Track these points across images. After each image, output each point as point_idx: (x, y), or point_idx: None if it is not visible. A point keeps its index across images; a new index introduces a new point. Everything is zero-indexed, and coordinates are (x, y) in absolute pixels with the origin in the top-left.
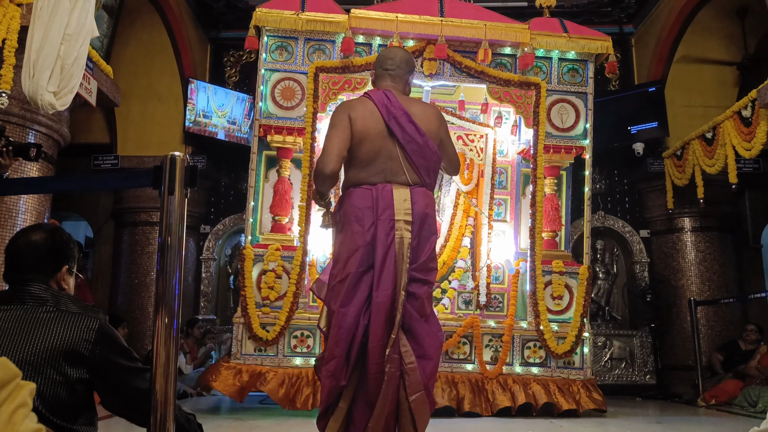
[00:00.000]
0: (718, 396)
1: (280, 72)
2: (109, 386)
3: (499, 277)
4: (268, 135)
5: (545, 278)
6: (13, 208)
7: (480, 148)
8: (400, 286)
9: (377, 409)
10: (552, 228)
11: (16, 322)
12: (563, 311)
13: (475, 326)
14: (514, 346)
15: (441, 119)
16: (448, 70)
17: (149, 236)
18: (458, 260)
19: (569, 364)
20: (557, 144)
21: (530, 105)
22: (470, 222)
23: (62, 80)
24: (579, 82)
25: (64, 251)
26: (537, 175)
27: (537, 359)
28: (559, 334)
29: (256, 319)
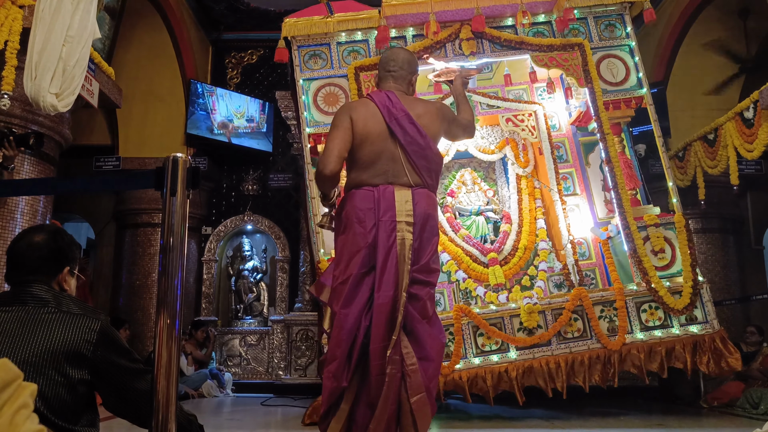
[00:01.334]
0: (720, 398)
1: (319, 80)
2: (110, 387)
3: (585, 253)
4: (318, 144)
5: (642, 234)
6: (15, 210)
7: (532, 126)
8: (402, 287)
9: (378, 411)
10: (631, 186)
11: (17, 323)
12: (669, 265)
13: (584, 297)
14: (629, 312)
15: (442, 116)
16: (488, 47)
17: (151, 238)
18: (539, 242)
19: (692, 320)
20: (615, 99)
21: (578, 65)
22: (538, 204)
23: (64, 82)
24: (620, 36)
25: (66, 252)
26: (605, 131)
27: (656, 321)
28: (672, 290)
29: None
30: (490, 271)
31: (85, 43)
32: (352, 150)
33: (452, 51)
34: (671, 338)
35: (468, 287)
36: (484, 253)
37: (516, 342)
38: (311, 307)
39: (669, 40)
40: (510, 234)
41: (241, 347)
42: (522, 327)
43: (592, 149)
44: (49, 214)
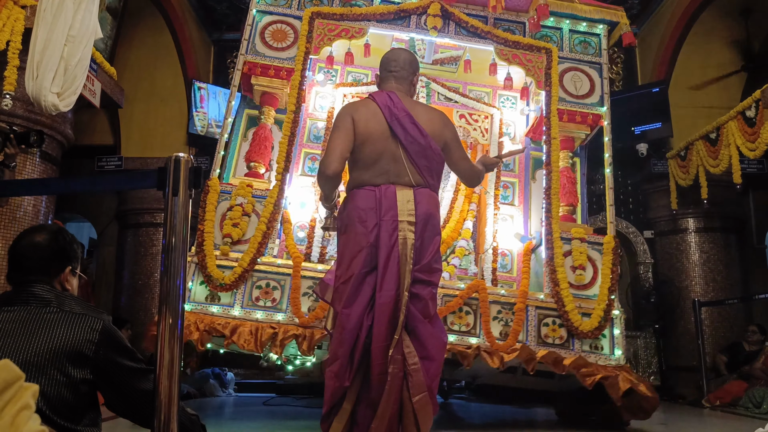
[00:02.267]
0: (722, 397)
1: (273, 15)
2: (112, 387)
3: (507, 265)
4: (253, 75)
5: (564, 246)
6: (18, 210)
7: (485, 128)
8: (404, 287)
9: (380, 410)
10: (568, 202)
11: (19, 323)
12: (587, 286)
13: (481, 290)
14: (529, 320)
15: (445, 122)
16: (452, 29)
17: (153, 237)
18: (459, 240)
19: (596, 348)
20: (571, 110)
21: (541, 68)
22: (472, 207)
23: (66, 81)
24: (592, 54)
25: (68, 252)
26: (552, 135)
27: (557, 339)
28: (582, 310)
29: (213, 258)
30: None
31: (87, 42)
32: (354, 150)
33: (416, 24)
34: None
35: None
36: None
37: None
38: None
39: (671, 39)
40: None
41: None
42: None
43: (541, 165)
44: (51, 213)
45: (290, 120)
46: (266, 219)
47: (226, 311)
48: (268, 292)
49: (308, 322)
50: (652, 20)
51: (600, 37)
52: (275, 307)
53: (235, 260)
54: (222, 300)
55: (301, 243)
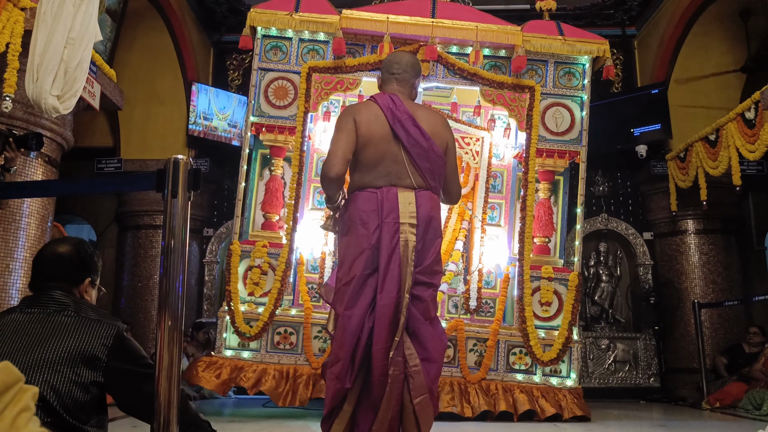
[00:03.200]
0: (722, 399)
1: (274, 72)
2: (123, 390)
3: (491, 282)
4: (260, 134)
5: (534, 284)
6: (17, 212)
7: (476, 151)
8: (405, 289)
9: (381, 412)
10: (544, 233)
11: (37, 324)
12: (551, 318)
13: (459, 329)
14: (499, 352)
15: (446, 125)
16: (441, 72)
17: (152, 239)
18: (449, 263)
19: (556, 372)
20: (551, 148)
21: (524, 108)
22: (465, 225)
23: (66, 84)
24: (575, 86)
25: (88, 264)
26: (528, 178)
27: (522, 366)
28: (546, 341)
29: (240, 313)
30: None
31: (87, 45)
32: (356, 152)
33: None
34: (530, 384)
35: None
36: None
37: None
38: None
39: (670, 41)
40: None
41: None
42: None
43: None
44: (51, 216)
45: (295, 182)
46: (280, 276)
47: (254, 356)
48: (286, 337)
49: (319, 363)
50: (651, 22)
51: (584, 68)
52: (293, 350)
53: (259, 314)
54: (251, 346)
55: (315, 271)
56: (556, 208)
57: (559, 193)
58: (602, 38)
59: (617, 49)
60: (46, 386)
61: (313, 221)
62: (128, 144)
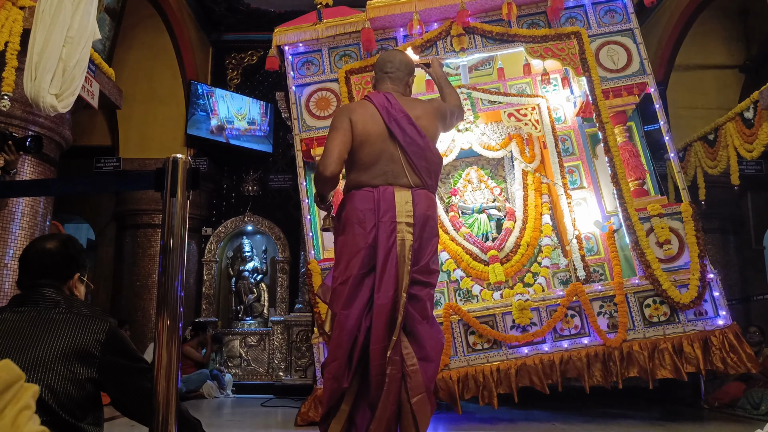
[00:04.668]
0: (721, 398)
1: (311, 85)
2: (117, 386)
3: (593, 248)
4: (311, 149)
5: (644, 225)
6: (16, 210)
7: (535, 120)
8: (402, 288)
9: (379, 411)
10: (636, 176)
11: (29, 323)
12: (676, 257)
13: (580, 292)
14: (631, 307)
15: (440, 115)
16: (479, 42)
17: (151, 238)
18: (543, 239)
19: (701, 314)
20: (615, 86)
21: (575, 54)
22: (545, 199)
23: (64, 83)
24: (620, 21)
25: (77, 259)
26: (603, 120)
27: (661, 317)
28: (678, 282)
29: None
30: (490, 269)
31: (86, 43)
32: (352, 151)
33: (443, 48)
34: (678, 334)
35: (466, 286)
36: (484, 250)
37: (508, 339)
38: (311, 308)
39: (669, 41)
40: (513, 231)
41: (241, 348)
42: (515, 324)
43: (599, 140)
44: (49, 215)
45: None
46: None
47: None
48: None
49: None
50: (650, 22)
51: (624, 1)
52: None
53: None
54: None
55: None
56: (637, 148)
57: (635, 137)
58: None
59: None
60: (42, 385)
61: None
62: (127, 143)
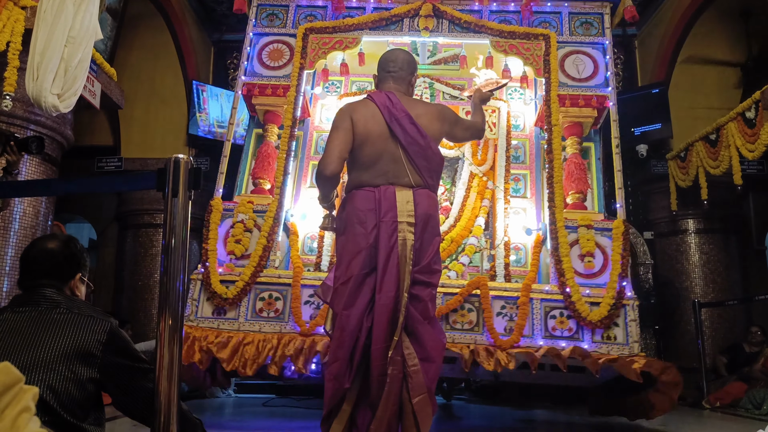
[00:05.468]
0: (722, 398)
1: (269, 36)
2: (119, 386)
3: (521, 259)
4: (252, 96)
5: (571, 236)
6: (17, 210)
7: (492, 122)
8: (403, 288)
9: (380, 412)
10: (578, 189)
11: (30, 323)
12: (597, 274)
13: (482, 286)
14: (534, 315)
15: (443, 117)
16: (446, 27)
17: (153, 238)
18: (469, 238)
19: (609, 338)
20: (574, 94)
21: (539, 56)
22: (485, 204)
23: (66, 82)
24: (595, 34)
25: (78, 259)
26: (552, 122)
27: (565, 331)
28: (591, 299)
29: (216, 274)
30: None
31: (87, 43)
32: (353, 151)
33: (409, 27)
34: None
35: None
36: None
37: None
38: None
39: (671, 41)
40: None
41: None
42: None
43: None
44: (51, 215)
45: (287, 135)
46: (266, 233)
47: (232, 324)
48: (271, 303)
49: (309, 330)
50: (651, 22)
51: (603, 16)
52: (278, 317)
53: (238, 275)
54: (228, 314)
55: (312, 252)
56: (590, 165)
57: (591, 158)
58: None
59: (618, 48)
60: (43, 385)
61: (311, 199)
62: (129, 143)
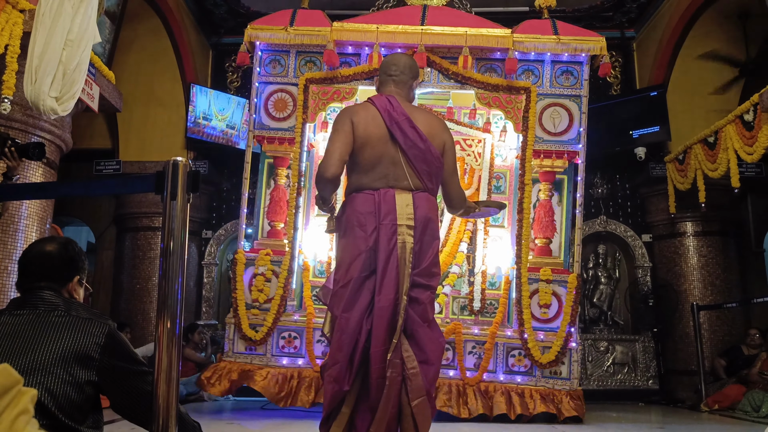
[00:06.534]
0: (721, 401)
1: (274, 84)
2: (117, 389)
3: (495, 283)
4: (262, 145)
5: (532, 286)
6: (16, 214)
7: (478, 153)
8: (402, 290)
9: (379, 414)
10: (545, 234)
11: (28, 326)
12: (551, 320)
13: (457, 332)
14: (498, 354)
15: (444, 128)
16: (435, 77)
17: (151, 241)
18: (452, 266)
19: (555, 374)
20: (548, 149)
21: (520, 110)
22: (469, 227)
23: (64, 86)
24: (573, 85)
25: (76, 262)
26: (525, 180)
27: (522, 368)
28: (544, 344)
29: (245, 319)
30: None
31: (86, 47)
32: (353, 153)
33: None
34: (528, 386)
35: None
36: None
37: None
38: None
39: (669, 43)
40: None
41: None
42: None
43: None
44: (49, 218)
45: (295, 190)
46: (282, 283)
47: (261, 359)
48: (290, 341)
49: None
50: (649, 24)
51: (582, 66)
52: (297, 353)
53: (263, 319)
54: (257, 350)
55: (321, 275)
56: (560, 208)
57: (563, 192)
58: (598, 35)
59: (616, 51)
60: (41, 388)
61: (319, 227)
62: (127, 146)
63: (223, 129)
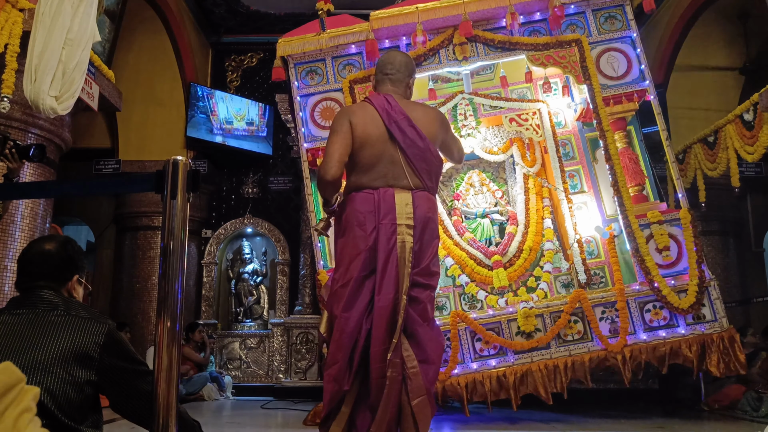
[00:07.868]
0: (720, 400)
1: (316, 95)
2: (117, 388)
3: (594, 251)
4: (317, 159)
5: (644, 232)
6: (15, 213)
7: (536, 124)
8: (402, 290)
9: (379, 414)
10: (636, 182)
11: (27, 325)
12: (675, 263)
13: (583, 299)
14: (632, 312)
15: (442, 121)
16: (482, 50)
17: (151, 241)
18: (545, 243)
19: (698, 318)
20: (616, 93)
21: (576, 62)
22: (546, 203)
23: (64, 85)
24: (620, 28)
25: (75, 261)
26: (604, 128)
27: (661, 321)
28: (677, 288)
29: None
30: (494, 273)
31: (85, 46)
32: (352, 153)
33: (446, 57)
34: (676, 338)
35: (471, 291)
36: (488, 255)
37: (513, 346)
38: (311, 310)
39: (669, 43)
40: (515, 235)
41: (241, 350)
42: (520, 331)
43: (599, 145)
44: (49, 217)
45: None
46: None
47: None
48: None
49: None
50: (649, 24)
51: (624, 8)
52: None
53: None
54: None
55: None
56: (636, 153)
57: (634, 141)
58: None
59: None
60: (41, 388)
61: None
62: (127, 145)
63: (245, 127)
